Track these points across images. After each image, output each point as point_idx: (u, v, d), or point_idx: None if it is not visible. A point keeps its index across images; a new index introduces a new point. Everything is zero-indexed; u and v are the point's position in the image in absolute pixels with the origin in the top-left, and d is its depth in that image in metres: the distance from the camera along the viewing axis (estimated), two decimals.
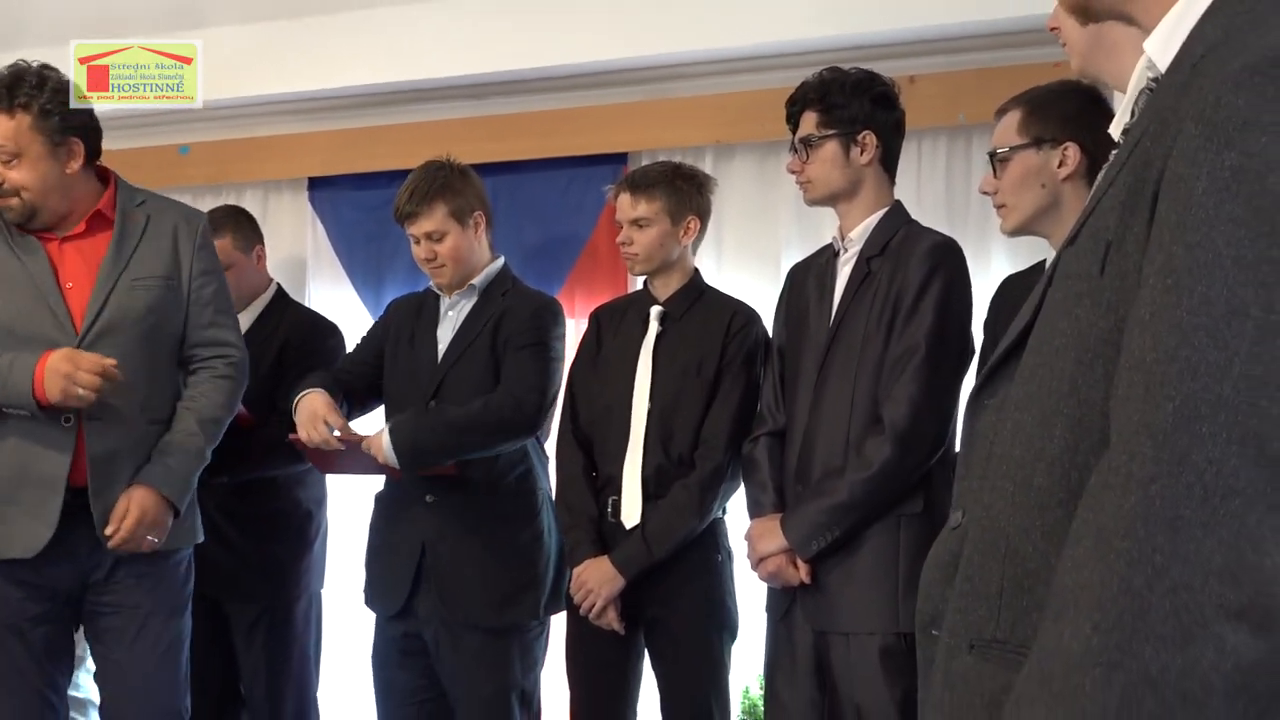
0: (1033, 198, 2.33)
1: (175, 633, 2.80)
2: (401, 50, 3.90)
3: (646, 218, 2.86)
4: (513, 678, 2.94)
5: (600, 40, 3.68)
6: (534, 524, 2.99)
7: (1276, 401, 0.87)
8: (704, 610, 2.79)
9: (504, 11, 3.78)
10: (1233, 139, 0.91)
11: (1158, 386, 0.91)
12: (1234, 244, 0.90)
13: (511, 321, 2.98)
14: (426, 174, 3.02)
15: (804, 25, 3.46)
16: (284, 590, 3.44)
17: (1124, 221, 1.02)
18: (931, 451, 2.44)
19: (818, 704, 2.55)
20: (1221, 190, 0.91)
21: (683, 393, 2.82)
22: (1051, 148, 2.31)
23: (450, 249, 2.99)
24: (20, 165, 2.74)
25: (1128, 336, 0.96)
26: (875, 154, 2.62)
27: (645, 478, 2.79)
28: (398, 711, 3.06)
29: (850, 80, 2.62)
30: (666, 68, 3.75)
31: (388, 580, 3.02)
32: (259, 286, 3.61)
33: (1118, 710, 0.87)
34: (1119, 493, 0.91)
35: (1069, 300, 1.08)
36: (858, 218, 2.64)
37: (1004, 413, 1.15)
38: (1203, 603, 0.86)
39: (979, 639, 1.10)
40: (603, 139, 3.81)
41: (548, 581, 2.97)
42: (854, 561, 2.48)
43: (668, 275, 2.93)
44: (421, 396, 3.00)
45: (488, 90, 3.97)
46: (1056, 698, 0.90)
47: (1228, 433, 0.88)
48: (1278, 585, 0.86)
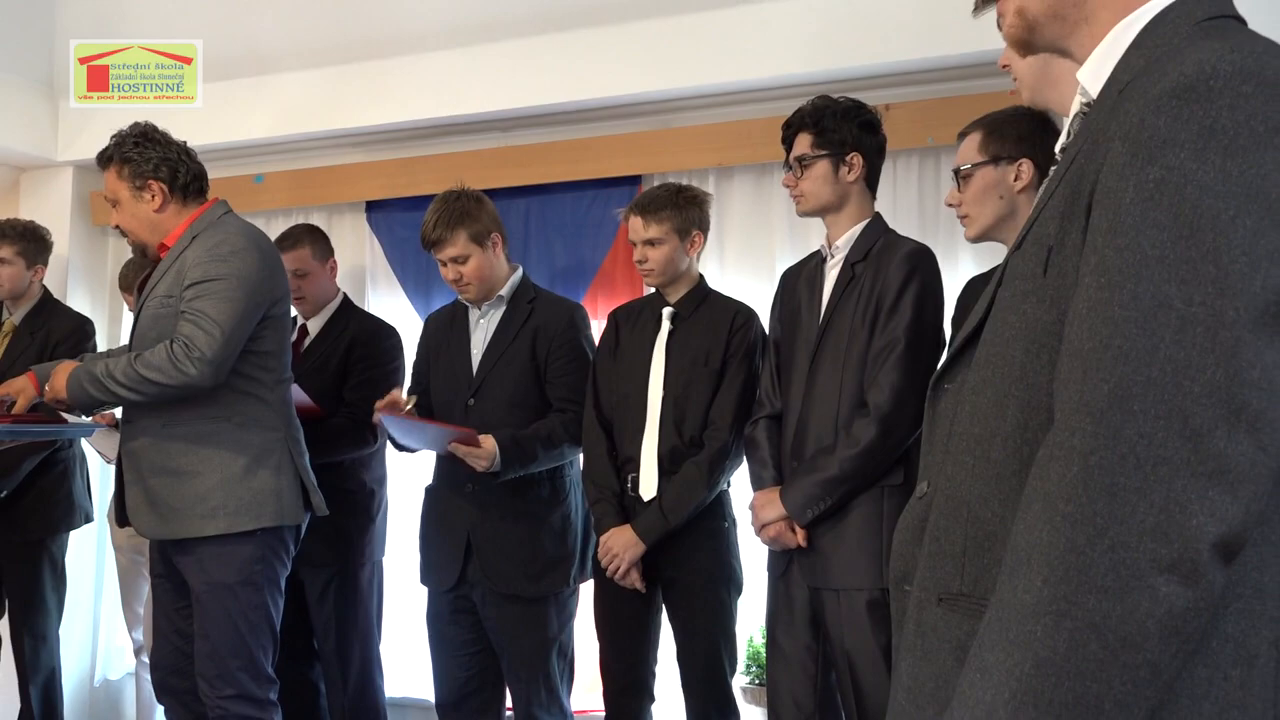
0: (992, 208, 2.32)
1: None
2: (443, 90, 3.91)
3: (658, 237, 2.85)
4: (551, 632, 2.95)
5: (614, 79, 3.68)
6: (564, 505, 2.99)
7: (1197, 381, 0.87)
8: (713, 570, 2.79)
9: (530, 56, 3.78)
10: (1155, 155, 0.92)
11: (1094, 371, 0.91)
12: (1158, 246, 0.90)
13: (550, 332, 2.99)
14: (446, 204, 3.01)
15: (793, 62, 3.46)
16: (351, 558, 3.45)
17: (1063, 228, 1.02)
18: (910, 431, 2.42)
19: (813, 651, 2.55)
20: (1146, 200, 0.91)
21: (692, 382, 2.81)
22: (1008, 164, 2.30)
23: (473, 270, 2.99)
24: (119, 210, 2.81)
25: (1068, 328, 0.96)
26: (861, 173, 2.61)
27: (660, 456, 2.78)
28: (451, 661, 3.06)
29: (840, 108, 2.61)
30: (673, 101, 3.75)
31: (439, 560, 3.03)
32: (330, 294, 3.62)
33: (1066, 653, 0.87)
34: (1063, 463, 0.91)
35: (1017, 298, 1.08)
36: (843, 228, 2.63)
37: (962, 395, 1.15)
38: (1138, 558, 0.86)
39: (946, 593, 1.10)
40: (618, 164, 3.80)
41: (576, 554, 2.98)
42: (844, 527, 2.47)
43: (677, 282, 2.92)
44: (462, 397, 3.00)
45: (517, 123, 3.97)
46: (1014, 643, 0.90)
47: (1156, 409, 0.88)
48: (1202, 542, 0.86)
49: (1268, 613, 0.93)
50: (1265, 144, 0.90)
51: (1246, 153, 0.89)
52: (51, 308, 3.88)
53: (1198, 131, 0.91)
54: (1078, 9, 1.10)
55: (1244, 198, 0.89)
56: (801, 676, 2.56)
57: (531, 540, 2.92)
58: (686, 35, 3.58)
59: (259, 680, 2.76)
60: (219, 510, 2.68)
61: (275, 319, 2.83)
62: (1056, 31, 1.13)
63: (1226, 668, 0.92)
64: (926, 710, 1.10)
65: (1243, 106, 0.90)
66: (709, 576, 2.78)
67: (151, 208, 2.80)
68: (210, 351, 2.60)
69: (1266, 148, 0.90)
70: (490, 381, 2.99)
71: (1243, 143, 0.89)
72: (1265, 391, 0.88)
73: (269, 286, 2.77)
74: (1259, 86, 0.91)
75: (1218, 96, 0.91)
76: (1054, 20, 1.12)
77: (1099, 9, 1.09)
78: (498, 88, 3.83)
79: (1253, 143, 0.90)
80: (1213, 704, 0.92)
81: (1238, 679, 0.92)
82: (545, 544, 2.93)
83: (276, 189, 4.31)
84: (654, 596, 2.85)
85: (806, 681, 2.56)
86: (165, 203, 2.80)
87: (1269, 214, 0.89)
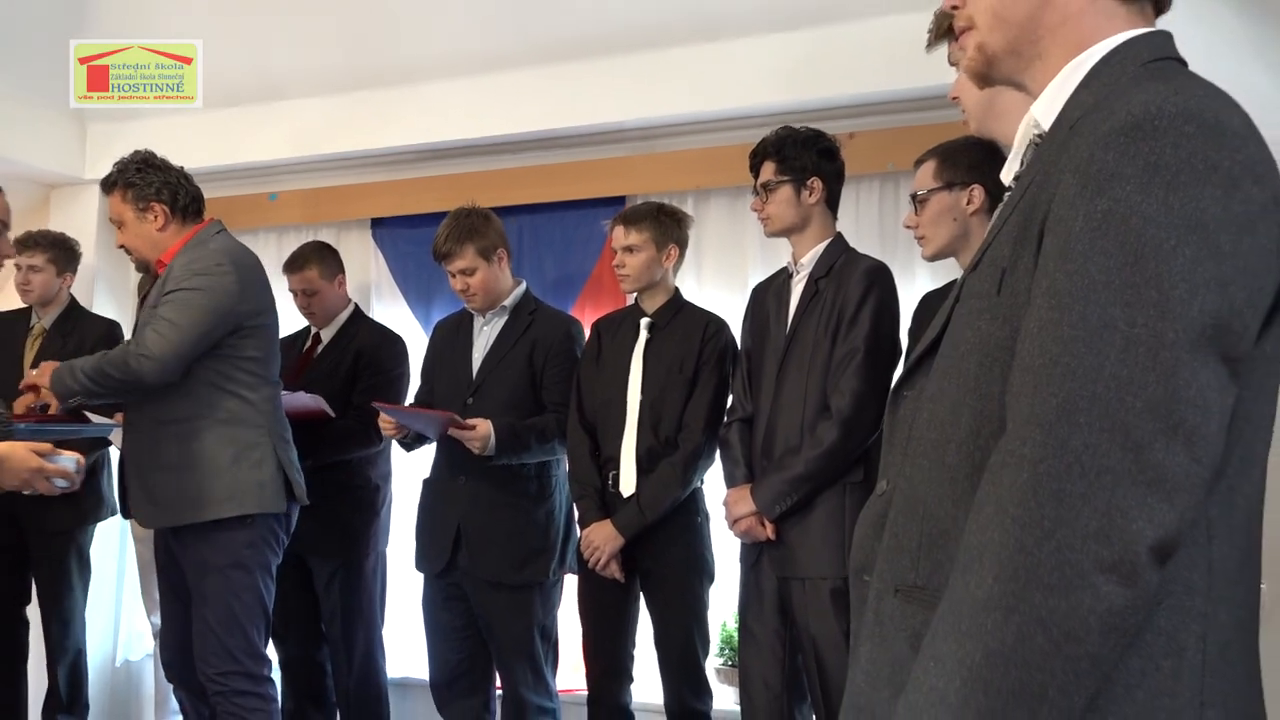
0: (947, 229, 2.33)
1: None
2: (444, 117, 3.89)
3: (636, 245, 2.86)
4: (535, 618, 2.94)
5: (601, 108, 3.68)
6: (548, 502, 2.98)
7: (1139, 398, 0.87)
8: (687, 562, 2.79)
9: (524, 86, 3.78)
10: (1103, 188, 0.92)
11: (1044, 385, 0.91)
12: (1104, 271, 0.90)
13: (548, 343, 2.99)
14: (457, 220, 3.01)
15: (766, 93, 3.46)
16: (356, 549, 3.43)
17: (1016, 252, 1.02)
18: (870, 433, 2.43)
19: (781, 635, 2.55)
20: (1094, 229, 0.91)
21: (667, 387, 2.81)
22: (960, 189, 2.30)
23: (480, 281, 2.99)
24: (124, 230, 2.83)
25: (1020, 344, 0.96)
26: (821, 196, 2.61)
27: (639, 455, 2.78)
28: (444, 645, 3.05)
29: (801, 137, 2.62)
30: (655, 128, 3.74)
31: (432, 548, 3.01)
32: (339, 306, 3.61)
33: (1014, 644, 0.87)
34: (1014, 470, 0.91)
35: (972, 314, 1.08)
36: (807, 246, 2.63)
37: (920, 403, 1.14)
38: (1081, 559, 0.86)
39: (902, 584, 1.10)
40: (605, 185, 3.79)
41: (557, 548, 2.97)
42: (809, 521, 2.47)
43: (654, 293, 2.92)
44: (461, 396, 2.99)
45: (513, 147, 3.96)
46: (965, 634, 0.90)
47: (1100, 423, 0.88)
48: (1141, 545, 0.86)
49: (1196, 609, 0.94)
50: (1204, 180, 0.90)
51: (1187, 188, 0.89)
52: (79, 313, 3.86)
53: (1143, 167, 0.91)
54: (1032, 46, 1.10)
55: (1184, 229, 0.89)
56: (770, 659, 2.56)
57: (516, 532, 2.91)
58: (667, 68, 3.58)
59: (254, 657, 2.76)
60: (206, 499, 2.70)
61: (258, 329, 2.83)
62: (1012, 66, 1.13)
63: (1158, 659, 0.92)
64: (883, 691, 1.09)
65: (1185, 145, 0.90)
66: (683, 568, 2.78)
67: (154, 227, 2.82)
68: (157, 350, 2.63)
69: (1205, 184, 0.90)
70: (489, 384, 2.99)
71: (1184, 179, 0.90)
72: (1200, 408, 0.88)
73: (242, 300, 2.77)
74: (1199, 128, 0.91)
75: (1162, 135, 0.91)
76: (1011, 56, 1.12)
77: (1051, 47, 1.09)
78: (493, 115, 3.83)
79: (1193, 179, 0.90)
80: (1145, 693, 0.92)
81: (1169, 670, 0.92)
82: (529, 536, 2.92)
83: (289, 206, 4.29)
84: (633, 586, 2.84)
85: (775, 664, 2.56)
86: (166, 223, 2.82)
87: (1207, 245, 0.89)
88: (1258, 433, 0.98)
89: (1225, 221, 0.89)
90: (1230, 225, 0.89)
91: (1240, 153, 0.91)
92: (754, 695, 2.59)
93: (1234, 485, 0.96)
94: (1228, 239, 0.89)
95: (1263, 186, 0.91)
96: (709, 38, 3.54)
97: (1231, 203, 0.90)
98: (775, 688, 2.56)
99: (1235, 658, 0.97)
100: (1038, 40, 1.10)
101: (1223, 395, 0.90)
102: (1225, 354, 0.89)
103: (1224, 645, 0.95)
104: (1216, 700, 0.94)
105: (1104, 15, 1.07)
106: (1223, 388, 0.89)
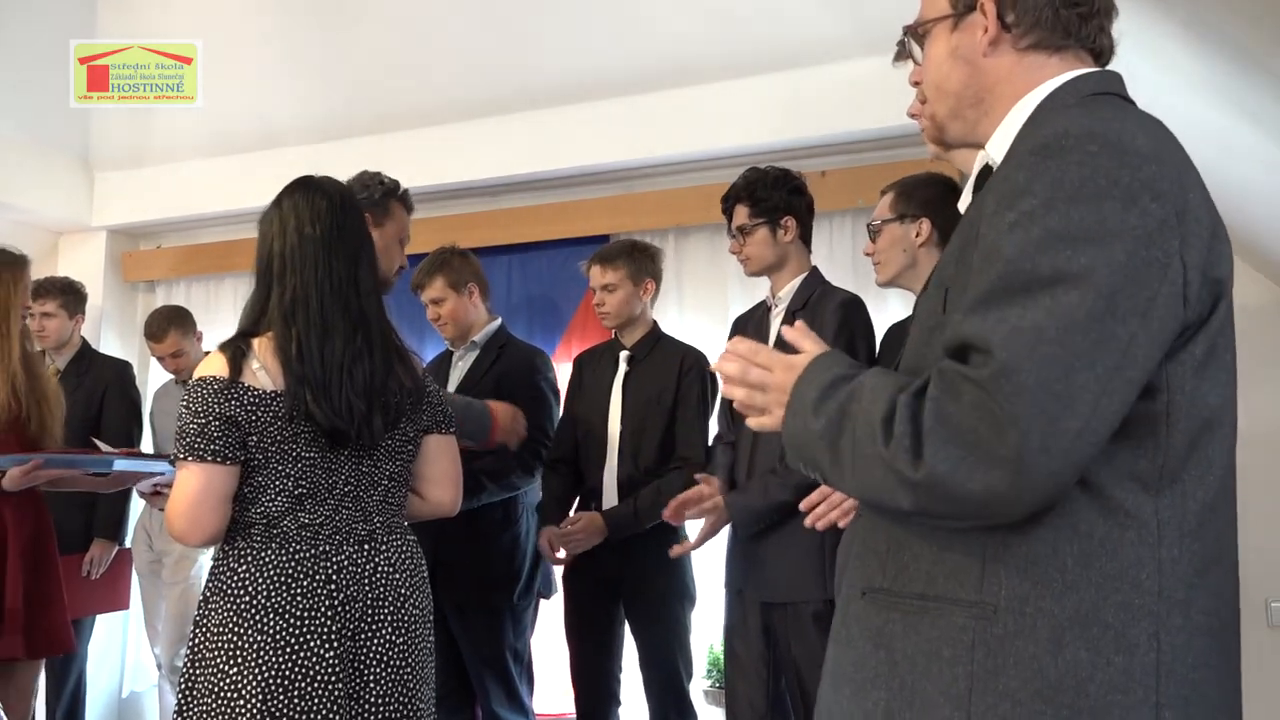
0: (897, 259, 2.33)
1: None
2: (435, 161, 3.91)
3: (613, 283, 2.85)
4: (506, 640, 2.89)
5: (585, 150, 3.71)
6: (513, 529, 2.93)
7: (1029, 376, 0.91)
8: (670, 588, 2.76)
9: (511, 130, 3.80)
10: (1012, 203, 0.97)
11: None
12: (1004, 278, 0.95)
13: (513, 376, 2.93)
14: (434, 256, 3.06)
15: (742, 134, 3.48)
16: None
17: (956, 272, 1.06)
18: None
19: (766, 658, 2.50)
20: (1002, 239, 0.97)
21: (647, 418, 2.79)
22: (911, 221, 2.30)
23: (449, 312, 3.00)
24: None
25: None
26: (795, 233, 2.58)
27: (620, 484, 2.77)
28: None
29: (770, 177, 2.59)
30: (636, 169, 3.76)
31: None
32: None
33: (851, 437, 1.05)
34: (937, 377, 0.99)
35: (924, 333, 1.11)
36: (785, 281, 2.61)
37: None
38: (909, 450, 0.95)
39: (869, 587, 1.11)
40: (590, 224, 3.80)
41: (524, 575, 2.92)
42: (790, 546, 2.42)
43: (633, 327, 2.90)
44: None
45: (502, 189, 3.98)
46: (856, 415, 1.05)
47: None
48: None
49: (1145, 607, 0.95)
50: (1104, 195, 0.93)
51: (1089, 202, 0.93)
52: (91, 355, 3.86)
53: (1049, 183, 0.95)
54: (975, 108, 1.15)
55: (1082, 241, 0.92)
56: (756, 682, 2.51)
57: (483, 559, 2.87)
58: (648, 112, 3.60)
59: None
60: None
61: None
62: (960, 129, 1.18)
63: (1108, 654, 0.94)
64: (843, 690, 1.09)
65: (1088, 163, 0.94)
66: (667, 594, 2.76)
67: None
68: None
69: (1105, 198, 0.93)
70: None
71: (1085, 193, 0.93)
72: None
73: None
74: (1103, 146, 0.95)
75: (1068, 154, 0.95)
76: (956, 120, 1.17)
77: (994, 104, 1.13)
78: (481, 158, 3.85)
79: (1094, 194, 0.93)
80: (1097, 687, 0.94)
81: (1120, 665, 0.94)
82: (494, 563, 2.88)
83: None
84: (617, 610, 2.81)
85: (760, 686, 2.51)
86: None
87: (1102, 255, 0.92)
88: (1214, 439, 0.99)
89: (1122, 233, 0.92)
90: (1126, 237, 0.92)
91: (1141, 170, 0.94)
92: (740, 717, 2.54)
93: (1188, 490, 0.97)
94: (1122, 249, 0.92)
95: (1162, 203, 0.94)
96: (687, 83, 3.56)
97: (1129, 216, 0.92)
98: (760, 710, 2.51)
99: (1200, 663, 0.97)
100: (979, 102, 1.14)
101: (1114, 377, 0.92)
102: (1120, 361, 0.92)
103: (1183, 648, 0.95)
104: (1176, 703, 0.94)
105: (1034, 68, 1.11)
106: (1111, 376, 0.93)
